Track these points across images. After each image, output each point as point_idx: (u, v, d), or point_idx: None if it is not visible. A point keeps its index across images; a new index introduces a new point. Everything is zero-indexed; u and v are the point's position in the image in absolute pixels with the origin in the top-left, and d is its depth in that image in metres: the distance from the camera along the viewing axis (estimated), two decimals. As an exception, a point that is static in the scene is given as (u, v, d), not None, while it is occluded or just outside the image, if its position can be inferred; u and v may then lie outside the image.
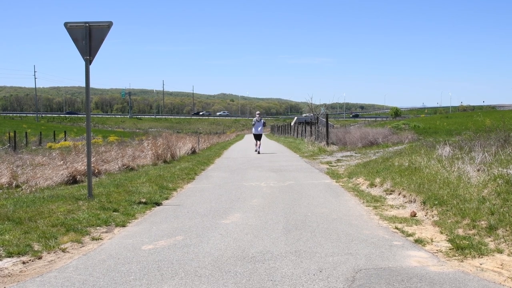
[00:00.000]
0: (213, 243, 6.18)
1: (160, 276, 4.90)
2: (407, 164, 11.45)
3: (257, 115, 25.88)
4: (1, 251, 5.69)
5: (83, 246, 6.22)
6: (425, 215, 7.64)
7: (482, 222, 6.26)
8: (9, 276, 5.05)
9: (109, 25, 9.29)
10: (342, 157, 19.76)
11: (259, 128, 25.32)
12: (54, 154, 17.27)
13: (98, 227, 7.17)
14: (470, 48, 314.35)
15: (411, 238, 6.34)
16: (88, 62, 9.28)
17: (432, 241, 6.14)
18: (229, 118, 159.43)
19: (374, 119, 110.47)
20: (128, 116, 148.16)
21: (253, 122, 25.66)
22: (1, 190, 11.69)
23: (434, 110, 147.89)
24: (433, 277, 4.74)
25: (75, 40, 9.30)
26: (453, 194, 7.75)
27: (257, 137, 25.40)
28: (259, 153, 24.58)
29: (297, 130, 44.56)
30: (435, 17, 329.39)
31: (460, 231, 6.28)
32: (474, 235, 6.01)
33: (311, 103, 36.97)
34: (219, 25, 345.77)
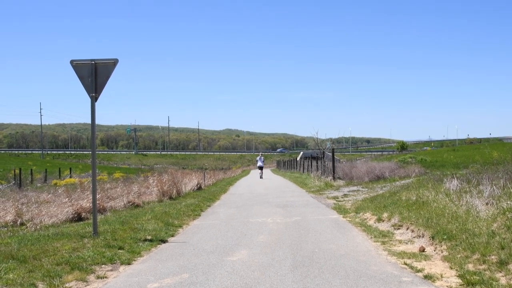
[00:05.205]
0: (220, 281, 6.10)
1: (166, 315, 4.82)
2: (414, 198, 11.37)
3: (260, 154, 43.93)
4: (4, 291, 5.63)
5: (88, 285, 6.16)
6: (434, 250, 7.54)
7: (493, 257, 6.17)
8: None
9: (114, 62, 9.37)
10: (349, 191, 19.66)
11: (261, 162, 40.06)
12: (59, 191, 17.25)
13: (103, 265, 7.11)
14: (476, 80, 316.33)
15: (420, 274, 6.25)
16: (94, 99, 9.32)
17: (442, 276, 6.05)
18: (235, 153, 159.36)
19: (381, 152, 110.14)
20: (133, 152, 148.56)
21: (257, 159, 41.87)
22: (6, 228, 11.64)
23: (441, 143, 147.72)
24: (445, 315, 4.64)
25: (81, 78, 9.37)
26: (462, 228, 7.66)
27: (260, 168, 40.19)
28: (261, 177, 38.11)
29: (303, 165, 44.44)
30: (439, 51, 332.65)
31: (470, 266, 6.18)
32: (485, 270, 5.92)
33: (317, 138, 36.91)
34: (224, 60, 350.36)
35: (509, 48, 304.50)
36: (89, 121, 9.77)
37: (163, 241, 9.20)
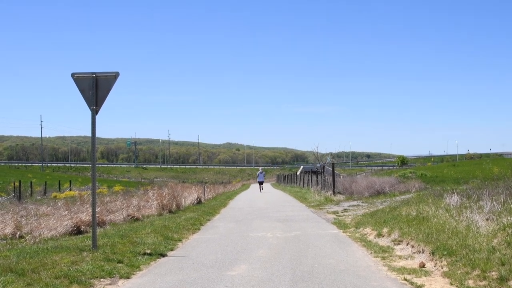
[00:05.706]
0: (219, 295, 6.07)
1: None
2: (414, 213, 11.34)
3: (260, 169, 46.77)
4: (2, 304, 5.61)
5: (86, 299, 6.12)
6: (434, 266, 7.51)
7: (493, 273, 6.14)
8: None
9: (115, 75, 9.38)
10: (349, 206, 19.62)
11: (261, 177, 42.38)
12: (59, 204, 17.21)
13: (102, 279, 7.08)
14: (476, 95, 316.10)
15: (420, 290, 6.22)
16: (95, 112, 9.33)
17: (442, 293, 6.02)
18: (235, 167, 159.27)
19: (381, 167, 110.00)
20: (133, 165, 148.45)
21: (257, 174, 43.96)
22: (5, 241, 11.60)
23: (441, 158, 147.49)
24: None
25: (82, 91, 9.38)
26: (462, 244, 7.64)
27: (260, 183, 42.36)
28: (262, 191, 39.95)
29: (303, 179, 44.38)
30: (439, 66, 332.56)
31: (471, 283, 6.16)
32: (485, 287, 5.90)
33: (317, 152, 36.92)
34: (224, 74, 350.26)
35: (510, 63, 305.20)
36: (89, 134, 9.78)
37: (163, 255, 9.17)
